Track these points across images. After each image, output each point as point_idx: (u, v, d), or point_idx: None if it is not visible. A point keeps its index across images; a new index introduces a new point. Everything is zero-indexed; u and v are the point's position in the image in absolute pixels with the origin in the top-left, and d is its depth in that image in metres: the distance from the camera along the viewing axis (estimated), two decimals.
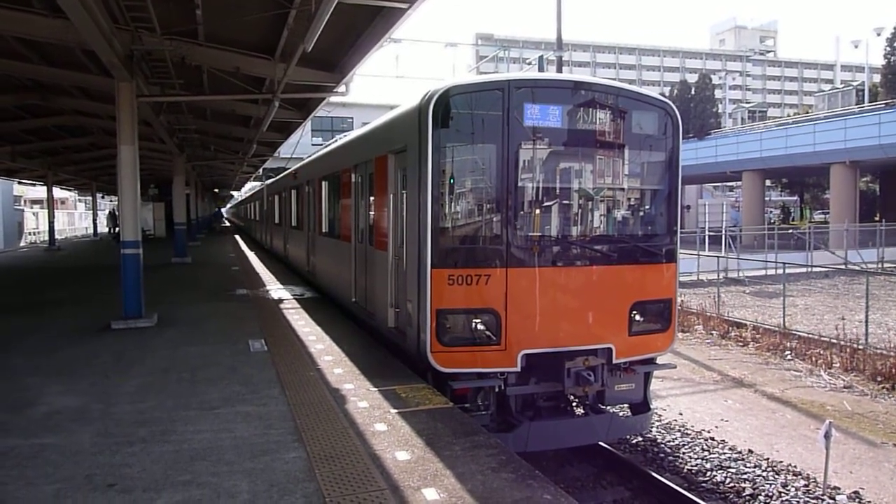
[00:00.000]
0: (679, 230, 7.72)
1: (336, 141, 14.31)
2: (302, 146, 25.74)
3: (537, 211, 7.10)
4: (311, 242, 15.10)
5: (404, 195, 7.64)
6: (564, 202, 7.26)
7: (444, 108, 6.63)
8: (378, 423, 5.67)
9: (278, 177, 25.03)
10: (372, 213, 9.25)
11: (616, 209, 7.61)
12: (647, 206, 7.83)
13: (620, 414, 8.10)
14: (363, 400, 6.33)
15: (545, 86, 7.27)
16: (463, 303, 6.72)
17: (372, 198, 9.17)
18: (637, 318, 7.24)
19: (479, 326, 6.68)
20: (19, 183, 40.73)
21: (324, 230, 13.42)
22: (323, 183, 13.36)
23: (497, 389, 6.90)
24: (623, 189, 7.65)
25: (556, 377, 6.96)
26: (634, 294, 7.28)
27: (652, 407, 8.00)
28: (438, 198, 6.70)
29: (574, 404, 7.68)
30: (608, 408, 7.69)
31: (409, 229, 7.31)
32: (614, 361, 7.13)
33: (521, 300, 6.77)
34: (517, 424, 6.86)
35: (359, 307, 10.03)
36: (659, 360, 7.94)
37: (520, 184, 6.93)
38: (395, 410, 5.99)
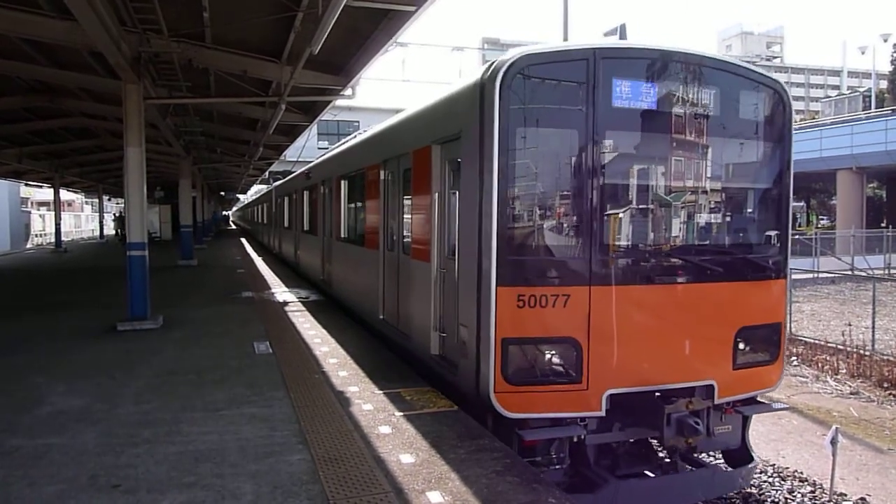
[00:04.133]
0: (790, 239, 6.40)
1: (358, 135, 12.83)
2: (308, 149, 25.78)
3: (628, 215, 5.86)
4: (326, 249, 13.89)
5: (455, 194, 6.42)
6: (660, 205, 6.00)
7: (515, 83, 5.36)
8: (382, 425, 5.66)
9: (288, 177, 23.68)
10: (408, 216, 8.03)
11: (720, 213, 6.30)
12: (754, 210, 6.49)
13: (720, 466, 6.80)
14: (368, 402, 6.31)
15: (639, 56, 5.79)
16: (536, 330, 5.48)
17: (407, 198, 7.95)
18: (743, 347, 5.96)
19: (555, 360, 5.48)
20: (26, 185, 40.96)
21: (342, 235, 12.17)
22: (342, 182, 12.12)
23: (576, 439, 5.60)
24: (728, 189, 6.33)
25: (650, 423, 5.63)
26: (741, 317, 5.99)
27: (755, 455, 6.50)
28: (506, 198, 5.43)
29: (659, 450, 6.33)
30: (703, 455, 6.41)
31: (463, 237, 6.06)
32: (716, 402, 5.80)
33: (607, 326, 5.53)
34: (599, 483, 5.59)
35: (388, 326, 8.81)
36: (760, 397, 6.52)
37: (607, 180, 5.68)
38: (400, 413, 5.97)
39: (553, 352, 5.49)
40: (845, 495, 7.32)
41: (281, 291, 15.16)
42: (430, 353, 6.99)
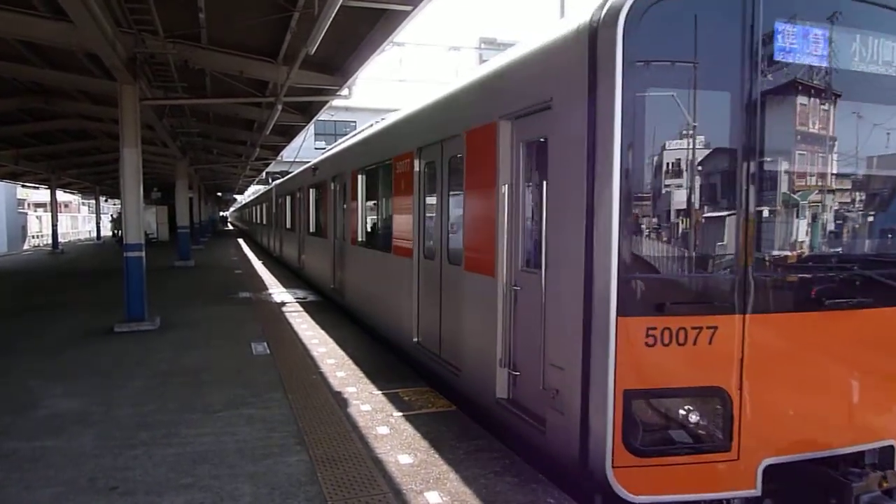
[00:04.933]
0: None
1: (377, 123, 10.80)
2: (305, 150, 25.72)
3: (797, 213, 4.32)
4: (338, 254, 12.41)
5: (534, 187, 5.12)
6: (839, 198, 4.43)
7: (644, 25, 3.81)
8: (381, 426, 5.65)
9: (291, 174, 22.25)
10: (456, 216, 6.52)
11: None
12: None
13: None
14: (366, 403, 6.31)
15: None
16: (672, 377, 3.98)
17: (456, 193, 6.47)
18: None
19: (696, 419, 3.96)
20: (23, 186, 40.84)
21: (360, 239, 10.67)
22: (359, 177, 10.64)
23: None
24: None
25: None
26: None
27: None
28: (631, 191, 3.95)
29: None
30: None
31: (554, 244, 4.60)
32: None
33: (767, 369, 4.06)
34: None
35: (426, 353, 7.30)
36: None
37: (768, 166, 4.12)
38: (398, 413, 5.97)
39: (693, 408, 3.95)
40: None
41: (278, 292, 15.15)
42: (493, 395, 5.48)
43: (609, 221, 3.92)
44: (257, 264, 23.31)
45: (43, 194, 44.95)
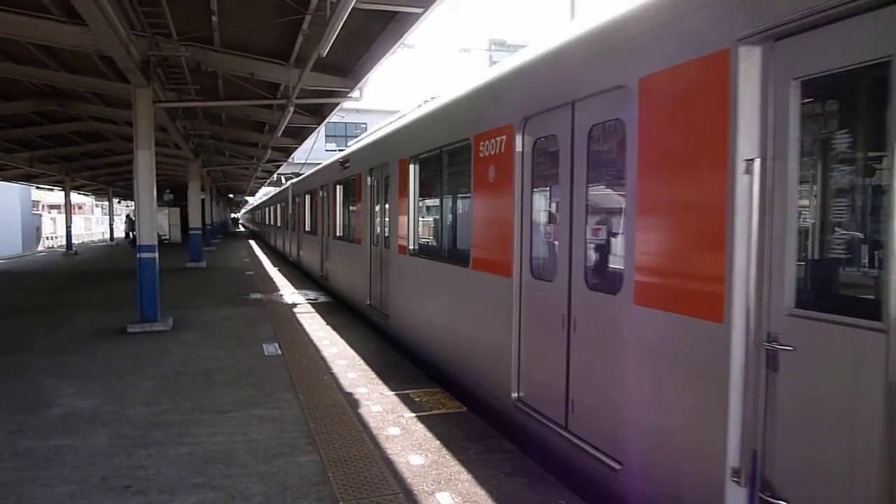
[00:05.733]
0: None
1: (437, 98, 8.45)
2: (315, 151, 25.80)
3: None
4: (377, 265, 10.35)
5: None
6: None
7: None
8: (392, 426, 5.66)
9: (312, 170, 19.89)
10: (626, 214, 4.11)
11: None
12: None
13: None
14: (377, 404, 6.32)
15: None
16: None
17: (620, 182, 4.21)
18: None
19: None
20: (37, 188, 41.22)
21: (411, 248, 8.40)
22: (412, 167, 8.35)
23: None
24: None
25: None
26: None
27: None
28: None
29: None
30: None
31: None
32: None
33: None
34: None
35: (533, 418, 5.15)
36: None
37: None
38: (409, 414, 5.98)
39: None
40: None
41: (289, 293, 15.21)
42: None
43: None
44: (268, 266, 23.40)
45: (57, 196, 45.35)
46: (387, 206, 9.71)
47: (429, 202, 8.53)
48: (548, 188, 5.29)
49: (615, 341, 4.14)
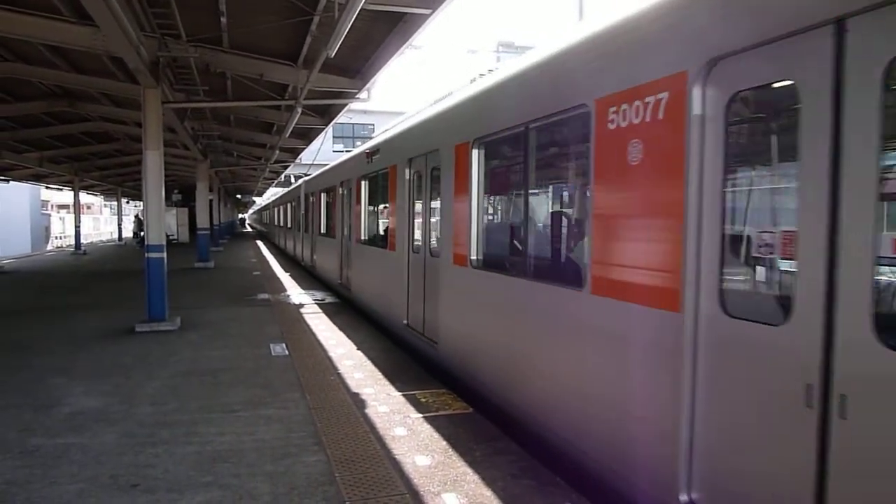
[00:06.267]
0: None
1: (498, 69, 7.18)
2: (323, 152, 25.90)
3: None
4: (418, 276, 8.52)
5: None
6: None
7: None
8: (398, 427, 5.67)
9: (331, 164, 17.91)
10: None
11: None
12: None
13: None
14: (383, 404, 6.33)
15: None
16: None
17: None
18: None
19: None
20: (46, 188, 41.46)
21: (475, 258, 6.58)
22: (475, 153, 6.48)
23: None
24: None
25: None
26: None
27: None
28: None
29: None
30: None
31: None
32: None
33: None
34: None
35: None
36: None
37: None
38: (416, 415, 5.98)
39: None
40: None
41: (296, 293, 15.24)
42: None
43: None
44: (276, 266, 23.47)
45: (66, 196, 45.58)
46: (434, 204, 7.97)
47: (503, 198, 7.07)
48: (768, 167, 3.66)
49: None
